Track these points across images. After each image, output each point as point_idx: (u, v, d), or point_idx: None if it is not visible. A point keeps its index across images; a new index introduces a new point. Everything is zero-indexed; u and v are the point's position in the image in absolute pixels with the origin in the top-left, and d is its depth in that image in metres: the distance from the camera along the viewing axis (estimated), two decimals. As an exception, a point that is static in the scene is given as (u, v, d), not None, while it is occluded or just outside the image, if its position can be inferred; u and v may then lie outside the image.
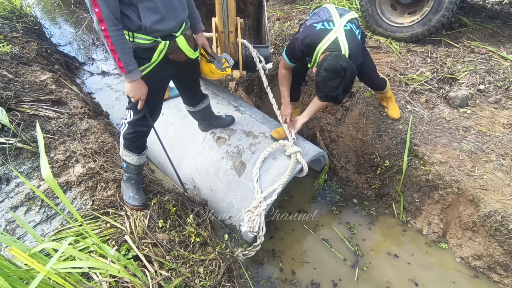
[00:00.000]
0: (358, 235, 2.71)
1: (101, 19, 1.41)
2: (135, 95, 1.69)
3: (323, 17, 2.07)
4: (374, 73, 2.56)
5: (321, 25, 2.02)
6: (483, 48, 3.46)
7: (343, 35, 1.96)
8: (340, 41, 1.95)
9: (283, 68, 2.34)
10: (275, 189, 2.27)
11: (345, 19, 2.04)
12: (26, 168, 2.34)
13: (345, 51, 1.94)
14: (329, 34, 1.97)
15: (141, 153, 2.08)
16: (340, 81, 1.82)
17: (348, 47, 1.94)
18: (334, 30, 1.98)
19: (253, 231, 2.24)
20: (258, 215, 2.23)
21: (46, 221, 2.03)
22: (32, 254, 1.20)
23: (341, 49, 1.94)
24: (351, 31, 2.01)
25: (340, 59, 1.81)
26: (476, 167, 2.47)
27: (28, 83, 3.10)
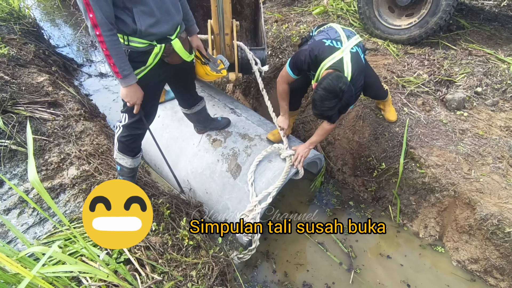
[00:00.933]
0: (351, 237, 2.69)
1: (96, 25, 1.40)
2: (131, 99, 1.68)
3: (332, 36, 2.08)
4: (378, 86, 2.57)
5: (330, 42, 2.03)
6: (481, 51, 3.45)
7: (348, 57, 1.97)
8: (344, 62, 1.96)
9: (284, 83, 2.30)
10: (270, 192, 2.26)
11: (352, 42, 2.06)
12: (20, 170, 2.33)
13: (348, 73, 1.95)
14: (336, 52, 1.99)
15: (135, 156, 2.07)
16: (336, 102, 1.82)
17: (351, 69, 1.96)
18: (341, 50, 1.99)
19: (249, 235, 2.22)
20: (253, 218, 2.22)
21: (39, 223, 2.02)
22: (20, 258, 1.19)
23: (344, 70, 1.95)
24: (357, 54, 2.03)
25: (340, 81, 1.81)
26: (473, 170, 2.46)
27: (24, 85, 3.10)
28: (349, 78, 1.96)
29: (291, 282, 2.38)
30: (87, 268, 1.27)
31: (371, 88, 2.52)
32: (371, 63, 3.44)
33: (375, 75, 2.55)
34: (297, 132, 3.43)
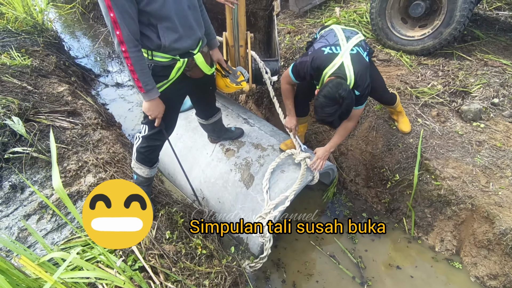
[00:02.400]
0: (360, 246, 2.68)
1: (122, 41, 1.45)
2: (153, 113, 1.73)
3: (331, 41, 2.11)
4: (383, 88, 2.55)
5: (328, 49, 2.05)
6: (497, 61, 3.40)
7: (349, 60, 1.99)
8: (345, 66, 1.98)
9: (287, 84, 2.35)
10: (287, 196, 2.26)
11: (352, 43, 2.07)
12: (40, 177, 2.41)
13: (351, 76, 1.97)
14: (336, 58, 2.01)
15: (152, 166, 2.11)
16: (336, 109, 1.86)
17: (353, 71, 1.97)
18: (340, 54, 2.01)
19: (264, 237, 2.22)
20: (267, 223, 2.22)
21: (57, 229, 2.08)
22: (40, 263, 1.22)
23: (346, 75, 1.97)
24: (357, 54, 2.04)
25: (339, 88, 1.84)
26: (491, 183, 2.40)
27: (45, 94, 3.22)
28: (353, 81, 1.98)
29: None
30: (104, 274, 1.30)
31: (375, 91, 2.50)
32: (384, 74, 3.43)
33: (381, 79, 2.53)
34: (310, 143, 3.43)
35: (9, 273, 1.14)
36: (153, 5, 1.47)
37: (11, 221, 2.11)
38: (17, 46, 4.07)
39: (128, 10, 1.40)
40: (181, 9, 1.59)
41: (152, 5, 1.46)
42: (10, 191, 2.29)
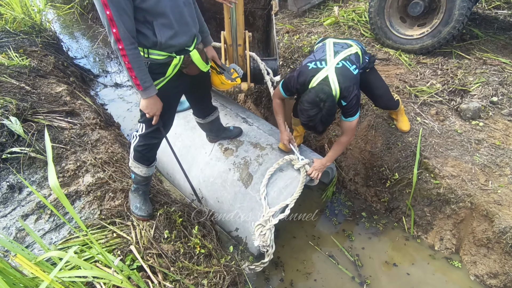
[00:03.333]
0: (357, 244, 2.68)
1: (119, 39, 1.45)
2: (151, 111, 1.72)
3: (317, 57, 2.19)
4: (388, 96, 2.57)
5: (313, 65, 2.13)
6: (496, 60, 3.40)
7: (333, 73, 2.05)
8: (330, 80, 2.04)
9: (277, 98, 2.43)
10: (287, 204, 2.25)
11: (339, 57, 2.13)
12: (38, 177, 2.40)
13: (336, 89, 2.03)
14: (320, 72, 2.08)
15: (150, 165, 2.11)
16: (317, 111, 1.92)
17: (338, 84, 2.03)
18: (325, 69, 2.08)
19: (266, 245, 2.21)
20: (269, 229, 2.21)
21: (55, 229, 2.07)
22: (37, 263, 1.22)
23: (331, 86, 2.02)
24: (343, 68, 2.09)
25: (319, 92, 1.92)
26: (490, 181, 2.40)
27: (44, 95, 3.21)
28: (338, 92, 2.03)
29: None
30: (102, 273, 1.29)
31: (381, 99, 2.56)
32: (383, 73, 3.43)
33: (385, 86, 2.56)
34: (309, 142, 3.43)
35: (6, 273, 1.14)
36: (148, 1, 1.47)
37: (9, 221, 2.10)
38: (15, 46, 4.06)
39: (124, 7, 1.40)
40: (176, 5, 1.59)
41: (147, 1, 1.47)
42: (8, 191, 2.28)
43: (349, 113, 2.13)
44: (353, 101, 2.07)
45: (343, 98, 2.07)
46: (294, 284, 2.42)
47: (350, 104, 2.08)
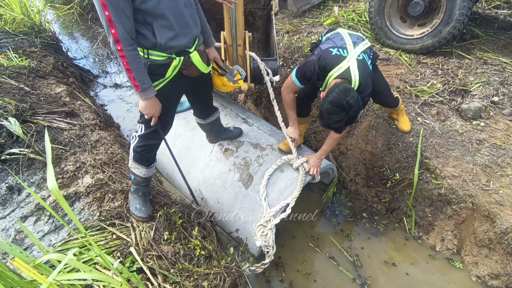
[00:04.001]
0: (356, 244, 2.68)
1: (118, 40, 1.44)
2: (149, 112, 1.71)
3: (338, 44, 2.09)
4: (387, 93, 2.55)
5: (336, 51, 2.03)
6: (496, 60, 3.39)
7: (355, 65, 1.98)
8: (351, 71, 1.97)
9: (291, 93, 2.29)
10: (288, 203, 2.24)
11: (359, 49, 2.06)
12: (37, 178, 2.38)
13: (355, 81, 1.97)
14: (343, 61, 1.99)
15: (149, 166, 2.09)
16: (343, 116, 1.81)
17: (358, 77, 1.96)
18: (347, 59, 2.00)
19: (268, 245, 2.20)
20: (270, 229, 2.20)
21: (54, 231, 2.05)
22: (36, 265, 1.20)
23: (352, 78, 1.96)
24: (363, 61, 2.03)
25: (347, 94, 1.78)
26: (491, 182, 2.39)
27: (43, 95, 3.20)
28: (357, 86, 1.98)
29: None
30: (101, 276, 1.28)
31: (380, 96, 2.50)
32: (383, 73, 3.41)
33: (385, 83, 2.53)
34: (309, 142, 3.41)
35: (4, 276, 1.12)
36: (148, 3, 1.45)
37: (7, 223, 2.09)
38: (14, 47, 4.05)
39: (123, 8, 1.39)
40: (177, 6, 1.58)
41: (147, 3, 1.45)
42: (7, 193, 2.26)
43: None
44: (366, 98, 2.03)
45: (359, 94, 1.94)
46: (295, 285, 2.41)
47: (363, 101, 2.02)
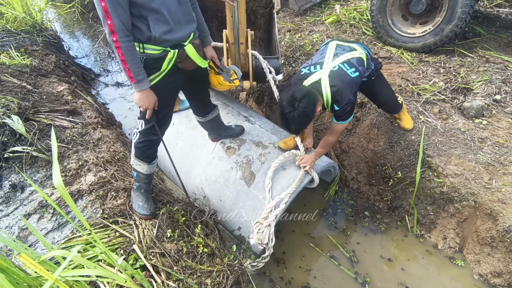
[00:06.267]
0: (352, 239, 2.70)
1: (113, 31, 1.46)
2: (144, 104, 1.72)
3: (314, 61, 2.14)
4: (393, 102, 2.58)
5: (306, 70, 2.09)
6: (499, 58, 3.39)
7: (326, 77, 1.98)
8: (322, 83, 1.97)
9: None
10: (282, 198, 2.24)
11: (338, 60, 2.05)
12: (40, 176, 2.39)
13: (327, 93, 1.96)
14: (311, 76, 2.02)
15: (151, 162, 2.10)
16: (290, 110, 1.86)
17: (330, 88, 1.95)
18: (319, 72, 2.02)
19: (262, 243, 2.21)
20: (268, 226, 2.20)
21: (58, 229, 2.06)
22: (41, 262, 1.21)
23: (322, 90, 1.96)
24: (339, 71, 2.01)
25: (297, 91, 1.86)
26: (494, 180, 2.39)
27: (45, 94, 3.21)
28: (329, 96, 1.96)
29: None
30: (106, 272, 1.28)
31: (386, 106, 2.61)
32: (385, 71, 3.41)
33: (391, 94, 2.53)
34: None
35: (10, 272, 1.13)
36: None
37: (11, 220, 2.10)
38: (16, 45, 4.05)
39: (119, 0, 1.42)
40: (171, 3, 1.60)
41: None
42: (10, 191, 2.27)
43: (341, 117, 2.06)
44: (347, 107, 1.98)
45: (335, 103, 1.98)
46: (296, 282, 2.41)
47: (343, 110, 2.00)
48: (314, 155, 2.38)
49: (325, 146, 2.33)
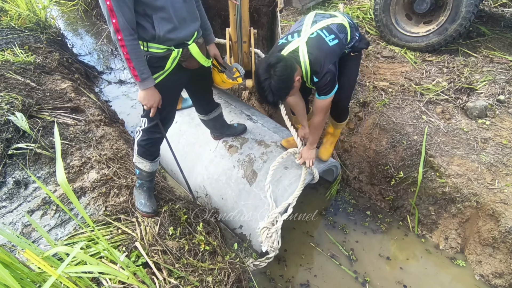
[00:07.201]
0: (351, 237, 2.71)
1: (118, 29, 1.47)
2: (148, 102, 1.73)
3: (292, 29, 2.03)
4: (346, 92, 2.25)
5: (283, 40, 1.98)
6: (503, 58, 3.37)
7: (304, 44, 1.86)
8: (300, 51, 1.86)
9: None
10: (289, 203, 2.25)
11: (316, 27, 1.91)
12: (43, 173, 2.41)
13: (305, 61, 1.85)
14: (289, 45, 1.91)
15: (154, 160, 2.11)
16: (266, 77, 1.76)
17: (308, 56, 1.84)
18: (296, 40, 1.90)
19: (273, 248, 2.21)
20: (275, 231, 2.20)
21: (61, 225, 2.08)
22: (44, 258, 1.22)
23: (300, 60, 1.85)
24: (317, 37, 1.87)
25: (272, 57, 1.77)
26: (496, 180, 2.38)
27: (49, 91, 3.22)
28: (308, 66, 1.85)
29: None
30: (109, 269, 1.29)
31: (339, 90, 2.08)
32: (388, 70, 3.41)
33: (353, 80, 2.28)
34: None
35: (14, 267, 1.14)
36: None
37: (15, 216, 2.12)
38: (20, 43, 4.07)
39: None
40: (176, 1, 1.61)
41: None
42: (14, 187, 2.29)
43: (322, 91, 1.93)
44: (326, 77, 1.85)
45: (314, 74, 1.86)
46: (296, 280, 2.42)
47: (323, 82, 1.87)
48: (309, 147, 2.31)
49: (314, 130, 2.23)
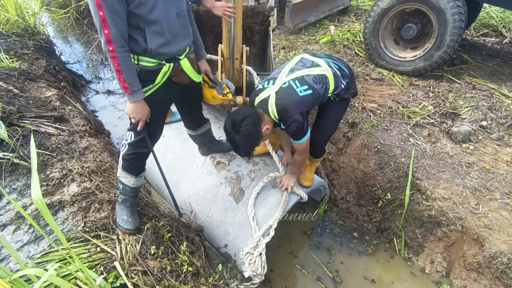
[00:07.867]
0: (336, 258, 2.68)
1: (110, 41, 1.44)
2: (136, 115, 1.69)
3: (271, 75, 2.07)
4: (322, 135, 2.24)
5: (261, 85, 2.04)
6: (485, 85, 3.50)
7: (274, 94, 1.90)
8: (269, 100, 1.90)
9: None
10: (270, 225, 2.20)
11: (291, 76, 1.93)
12: (20, 184, 2.29)
13: (273, 110, 1.89)
14: (263, 92, 1.97)
15: (138, 175, 2.04)
16: (233, 134, 1.83)
17: (275, 106, 1.87)
18: (269, 88, 1.94)
19: (257, 274, 2.14)
20: (259, 255, 2.14)
21: (34, 241, 1.95)
22: (12, 281, 1.13)
23: (268, 107, 1.90)
24: (288, 88, 1.89)
25: (236, 114, 1.84)
26: (480, 205, 2.41)
27: (32, 98, 3.12)
28: (275, 113, 1.89)
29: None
30: (82, 294, 1.21)
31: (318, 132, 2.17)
32: (376, 92, 3.48)
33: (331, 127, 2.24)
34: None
35: (-24, 291, 1.05)
36: (142, 8, 1.47)
37: (-15, 231, 1.98)
38: (6, 48, 3.97)
39: (117, 10, 1.40)
40: (170, 15, 1.60)
41: (141, 8, 1.47)
42: (-13, 199, 2.16)
43: (293, 136, 1.97)
44: (292, 126, 1.86)
45: (282, 121, 1.92)
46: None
47: (290, 129, 1.89)
48: (289, 175, 2.34)
49: (295, 164, 2.26)
